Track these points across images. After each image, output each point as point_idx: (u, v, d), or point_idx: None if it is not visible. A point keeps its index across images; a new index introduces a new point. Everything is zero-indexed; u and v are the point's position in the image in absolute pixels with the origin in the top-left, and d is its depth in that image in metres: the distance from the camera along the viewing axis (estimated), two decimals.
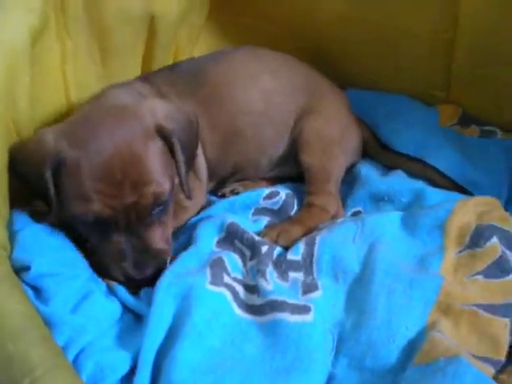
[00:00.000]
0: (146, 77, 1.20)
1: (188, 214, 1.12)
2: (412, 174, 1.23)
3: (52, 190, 0.91)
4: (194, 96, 1.16)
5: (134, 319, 0.91)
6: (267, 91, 1.22)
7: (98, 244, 0.95)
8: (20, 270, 0.89)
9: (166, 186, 0.94)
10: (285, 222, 1.13)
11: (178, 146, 0.97)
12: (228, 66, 1.21)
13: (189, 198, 1.03)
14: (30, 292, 0.87)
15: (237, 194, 1.20)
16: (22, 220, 0.96)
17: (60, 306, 0.86)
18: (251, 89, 1.21)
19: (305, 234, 1.06)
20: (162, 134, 0.96)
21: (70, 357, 0.80)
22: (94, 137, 0.91)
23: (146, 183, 0.91)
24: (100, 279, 0.95)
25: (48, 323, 0.82)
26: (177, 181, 1.01)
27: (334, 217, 1.15)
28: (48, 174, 0.90)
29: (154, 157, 0.93)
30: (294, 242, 1.04)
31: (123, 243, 0.93)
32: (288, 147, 1.24)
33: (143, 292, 0.93)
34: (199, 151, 1.16)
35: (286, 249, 1.02)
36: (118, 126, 0.93)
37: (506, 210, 1.11)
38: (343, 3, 1.29)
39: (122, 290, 0.93)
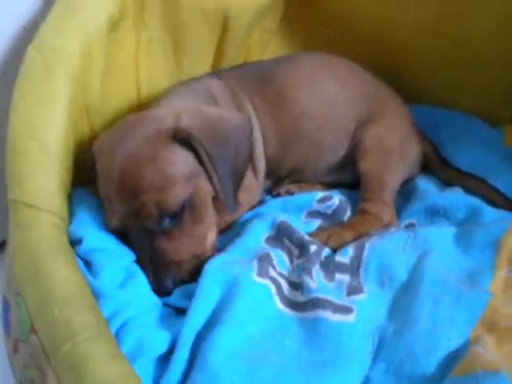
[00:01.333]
0: (216, 72, 1.23)
1: (240, 211, 1.12)
2: (471, 192, 1.20)
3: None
4: (260, 94, 1.18)
5: None
6: (331, 97, 1.22)
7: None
8: (74, 243, 0.92)
9: (176, 194, 0.90)
10: (336, 225, 1.13)
11: (205, 152, 0.93)
12: (295, 69, 1.23)
13: (231, 209, 0.99)
14: (82, 264, 0.89)
15: (291, 194, 1.21)
16: (82, 195, 1.00)
17: (107, 280, 0.88)
18: (316, 93, 1.22)
19: (355, 240, 1.06)
20: (182, 139, 0.93)
21: (113, 329, 0.81)
22: (111, 144, 0.94)
23: (144, 191, 0.89)
24: None
25: (95, 294, 0.84)
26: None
27: (388, 226, 1.14)
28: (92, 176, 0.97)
29: (161, 163, 0.90)
30: (344, 245, 1.03)
31: (141, 251, 0.93)
32: (347, 153, 1.24)
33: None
34: (259, 149, 1.17)
35: (335, 251, 1.02)
36: (131, 133, 0.93)
37: None
38: (424, 14, 1.29)
39: None
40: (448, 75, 1.39)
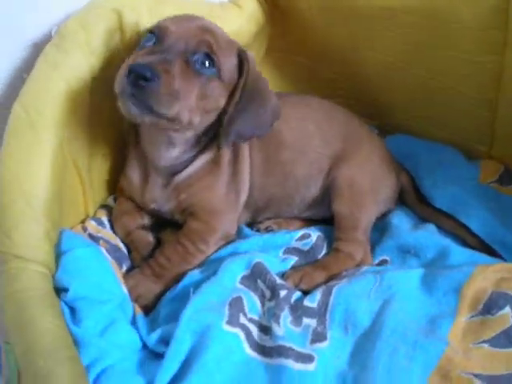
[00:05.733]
0: None
1: (214, 237, 1.17)
2: (443, 230, 1.25)
3: None
4: None
5: None
6: (308, 133, 1.27)
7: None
8: (60, 291, 0.98)
9: (224, 59, 1.04)
10: (310, 265, 1.18)
11: (245, 81, 1.07)
12: (282, 105, 1.24)
13: (221, 145, 1.10)
14: (67, 312, 0.96)
15: (271, 231, 1.27)
16: (70, 241, 1.05)
17: (90, 328, 0.95)
18: (295, 128, 1.27)
19: (327, 280, 1.12)
20: (240, 54, 1.08)
21: (92, 375, 0.89)
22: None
23: (210, 30, 1.04)
24: (128, 307, 1.03)
25: (77, 342, 0.91)
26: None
27: (361, 263, 1.20)
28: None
29: (223, 49, 1.04)
30: (316, 286, 1.10)
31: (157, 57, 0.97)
32: (321, 190, 1.29)
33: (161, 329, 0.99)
34: (245, 174, 1.23)
35: (307, 292, 1.08)
36: None
37: None
38: (392, 55, 1.31)
39: (142, 325, 1.01)
40: (423, 108, 1.42)
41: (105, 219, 1.21)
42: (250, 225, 1.31)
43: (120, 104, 0.99)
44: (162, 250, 1.15)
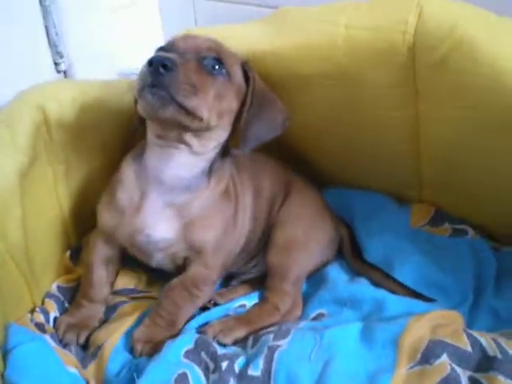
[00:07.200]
0: None
1: (217, 276, 1.22)
2: (375, 284, 1.27)
3: None
4: None
5: None
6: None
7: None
8: None
9: (232, 66, 1.12)
10: (233, 317, 1.22)
11: (253, 89, 1.14)
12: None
13: (241, 147, 1.14)
14: None
15: (215, 304, 1.28)
16: (16, 337, 1.07)
17: None
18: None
19: (249, 334, 1.17)
20: (243, 64, 1.16)
21: None
22: None
23: (215, 44, 1.11)
24: None
25: None
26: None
27: (288, 314, 1.24)
28: None
29: (229, 56, 1.12)
30: (235, 340, 1.15)
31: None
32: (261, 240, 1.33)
33: None
34: (247, 211, 1.27)
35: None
36: None
37: (471, 314, 1.18)
38: (313, 118, 1.34)
39: None
40: (351, 161, 1.45)
41: (52, 315, 1.22)
42: None
43: (140, 102, 1.03)
44: (167, 296, 1.17)
